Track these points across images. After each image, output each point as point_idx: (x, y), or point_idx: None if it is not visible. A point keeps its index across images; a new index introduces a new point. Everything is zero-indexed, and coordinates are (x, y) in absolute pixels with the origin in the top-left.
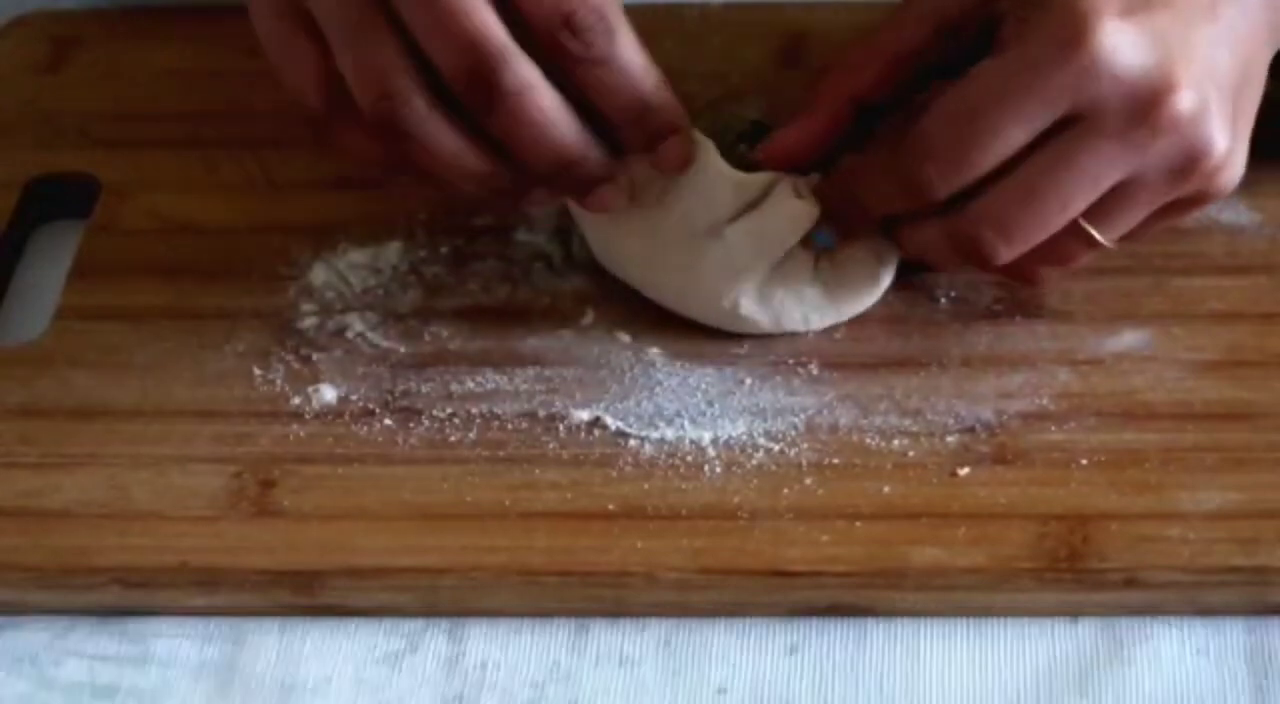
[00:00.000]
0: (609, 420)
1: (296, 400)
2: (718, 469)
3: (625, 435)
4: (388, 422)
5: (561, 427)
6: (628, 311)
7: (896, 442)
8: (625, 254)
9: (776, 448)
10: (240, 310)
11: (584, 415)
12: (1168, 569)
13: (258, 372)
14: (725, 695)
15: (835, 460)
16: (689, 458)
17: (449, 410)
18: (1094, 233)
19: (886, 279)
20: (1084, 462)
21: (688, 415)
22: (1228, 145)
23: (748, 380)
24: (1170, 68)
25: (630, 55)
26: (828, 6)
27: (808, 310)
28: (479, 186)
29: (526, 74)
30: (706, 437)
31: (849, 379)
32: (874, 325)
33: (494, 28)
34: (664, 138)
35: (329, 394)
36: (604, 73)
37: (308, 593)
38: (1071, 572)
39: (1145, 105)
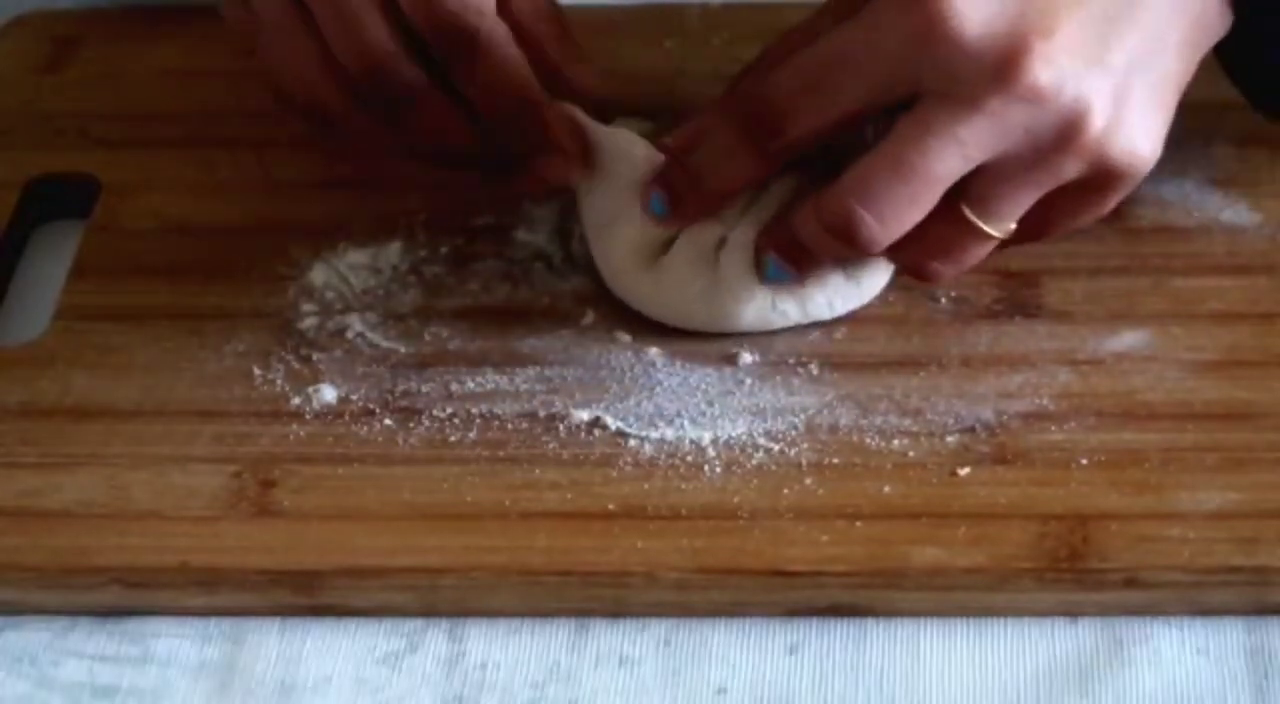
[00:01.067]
0: (609, 420)
1: (296, 400)
2: (718, 469)
3: (625, 435)
4: (388, 422)
5: (561, 427)
6: (628, 311)
7: (896, 442)
8: (638, 296)
9: (776, 448)
10: (240, 310)
11: (584, 415)
12: (1168, 569)
13: (258, 371)
14: (725, 695)
15: (835, 460)
16: (689, 458)
17: (449, 410)
18: (976, 220)
19: None
20: (1084, 461)
21: (688, 415)
22: (1106, 119)
23: (748, 380)
24: (1023, 35)
25: (493, 70)
26: None
27: (831, 295)
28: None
29: (413, 80)
30: (706, 437)
31: (849, 379)
32: (874, 325)
33: (383, 39)
34: (530, 153)
35: (329, 394)
36: (469, 84)
37: (308, 593)
38: (1071, 572)
39: (995, 72)
